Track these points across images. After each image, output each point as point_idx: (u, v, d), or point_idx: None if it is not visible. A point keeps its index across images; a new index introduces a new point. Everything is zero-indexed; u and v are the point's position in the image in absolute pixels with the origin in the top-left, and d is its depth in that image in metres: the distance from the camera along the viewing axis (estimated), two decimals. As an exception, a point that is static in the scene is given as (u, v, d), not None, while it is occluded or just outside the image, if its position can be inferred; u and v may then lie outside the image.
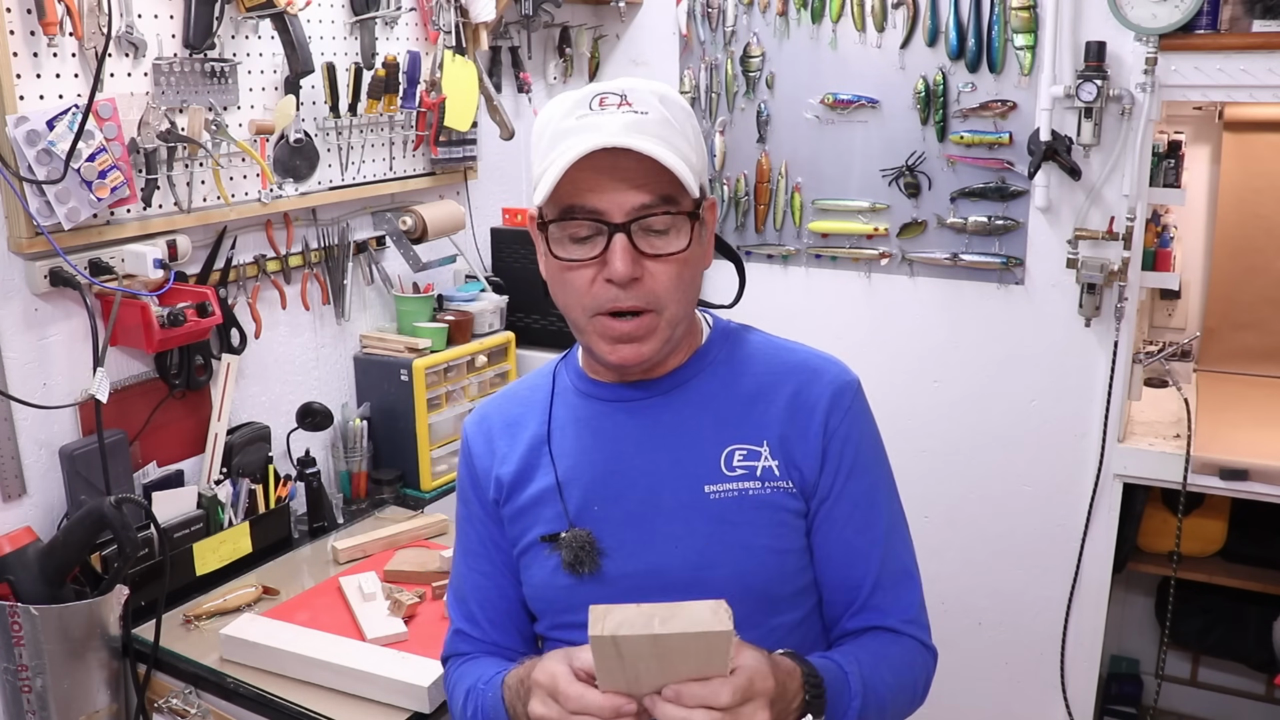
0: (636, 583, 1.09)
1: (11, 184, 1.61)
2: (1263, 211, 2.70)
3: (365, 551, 1.98)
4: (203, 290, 1.87)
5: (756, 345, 1.18)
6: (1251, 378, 2.74)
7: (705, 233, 1.11)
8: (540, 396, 1.21)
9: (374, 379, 2.32)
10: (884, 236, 2.57)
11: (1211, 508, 2.63)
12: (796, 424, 1.11)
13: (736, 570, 1.08)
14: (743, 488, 1.09)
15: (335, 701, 1.53)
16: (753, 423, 1.11)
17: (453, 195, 2.56)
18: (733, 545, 1.08)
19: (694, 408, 1.13)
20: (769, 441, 1.10)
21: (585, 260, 1.04)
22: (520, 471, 1.17)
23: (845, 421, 1.12)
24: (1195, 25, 2.10)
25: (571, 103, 1.06)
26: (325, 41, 2.13)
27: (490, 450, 1.20)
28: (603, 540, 1.11)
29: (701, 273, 1.12)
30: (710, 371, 1.15)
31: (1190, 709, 3.02)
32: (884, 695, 1.06)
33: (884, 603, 1.12)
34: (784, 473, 1.10)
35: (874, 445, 1.16)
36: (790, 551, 1.11)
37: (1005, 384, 2.53)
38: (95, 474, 1.76)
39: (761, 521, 1.09)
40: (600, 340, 1.08)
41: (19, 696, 1.55)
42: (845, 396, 1.13)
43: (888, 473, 1.17)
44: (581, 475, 1.13)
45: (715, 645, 0.86)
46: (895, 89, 2.49)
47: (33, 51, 1.64)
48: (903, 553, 1.15)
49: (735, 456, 1.10)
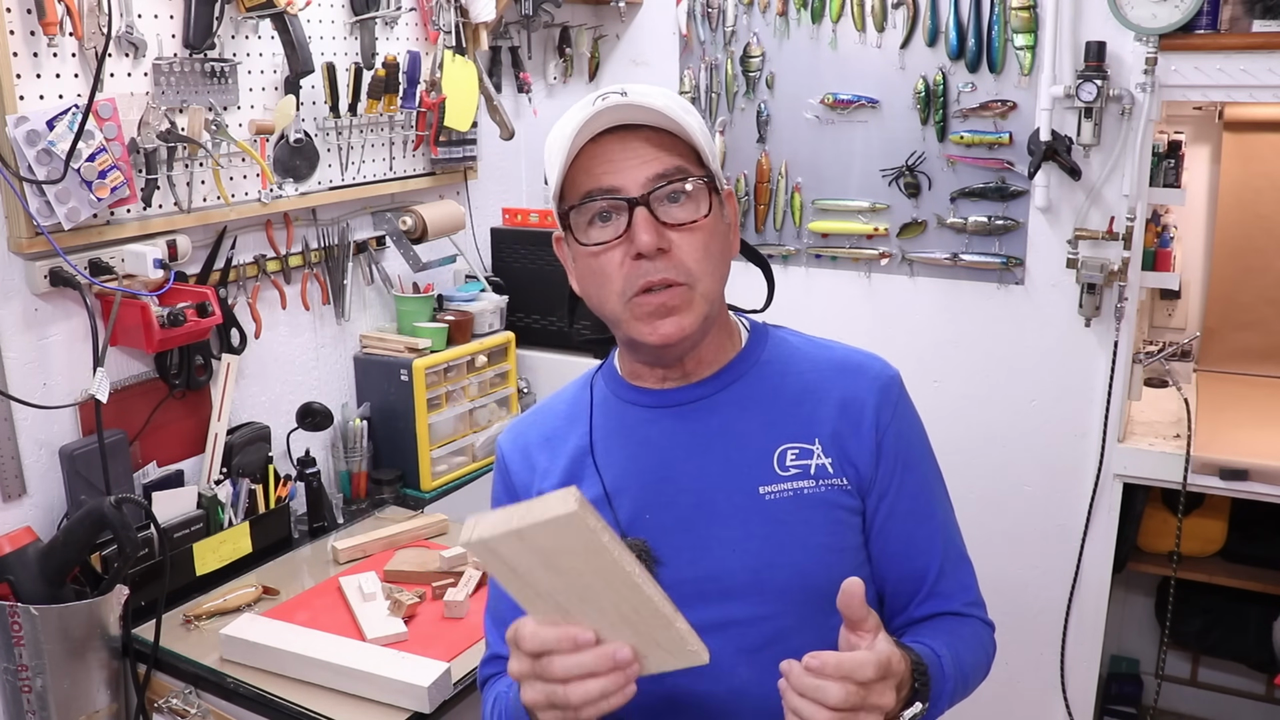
0: (695, 589, 1.07)
1: (11, 184, 1.61)
2: (1263, 211, 2.70)
3: (365, 551, 1.98)
4: (203, 290, 1.87)
5: (797, 344, 1.19)
6: (1251, 378, 2.74)
7: (728, 213, 1.12)
8: (577, 409, 1.20)
9: (374, 379, 2.32)
10: (884, 236, 2.57)
11: (1211, 508, 2.63)
12: (848, 421, 1.11)
13: (796, 570, 1.07)
14: (797, 487, 1.09)
15: (335, 701, 1.53)
16: (803, 421, 1.11)
17: (453, 195, 2.56)
18: (790, 545, 1.07)
19: (741, 409, 1.12)
20: (820, 439, 1.10)
21: (611, 241, 1.04)
22: (564, 484, 1.12)
23: (896, 416, 1.12)
24: (1195, 25, 2.10)
25: (575, 108, 1.07)
26: (325, 41, 2.13)
27: (529, 466, 1.18)
28: (657, 549, 1.09)
29: (729, 254, 1.12)
30: (755, 372, 1.14)
31: (1190, 709, 3.02)
32: (968, 674, 1.10)
33: (949, 588, 1.14)
34: (838, 470, 1.09)
35: (921, 436, 1.17)
36: (847, 549, 1.10)
37: (1005, 384, 2.53)
38: (95, 474, 1.76)
39: (818, 520, 1.08)
40: (639, 323, 1.07)
41: (19, 696, 1.55)
42: (892, 391, 1.14)
43: (934, 461, 1.19)
44: (630, 484, 1.12)
45: (579, 534, 0.82)
46: (895, 89, 2.49)
47: (33, 51, 1.64)
48: (957, 537, 1.18)
49: (788, 456, 1.09)
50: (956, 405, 2.58)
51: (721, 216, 1.09)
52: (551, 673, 0.89)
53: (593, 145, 1.04)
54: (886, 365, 1.17)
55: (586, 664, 0.88)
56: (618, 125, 1.05)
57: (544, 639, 0.89)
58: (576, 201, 1.05)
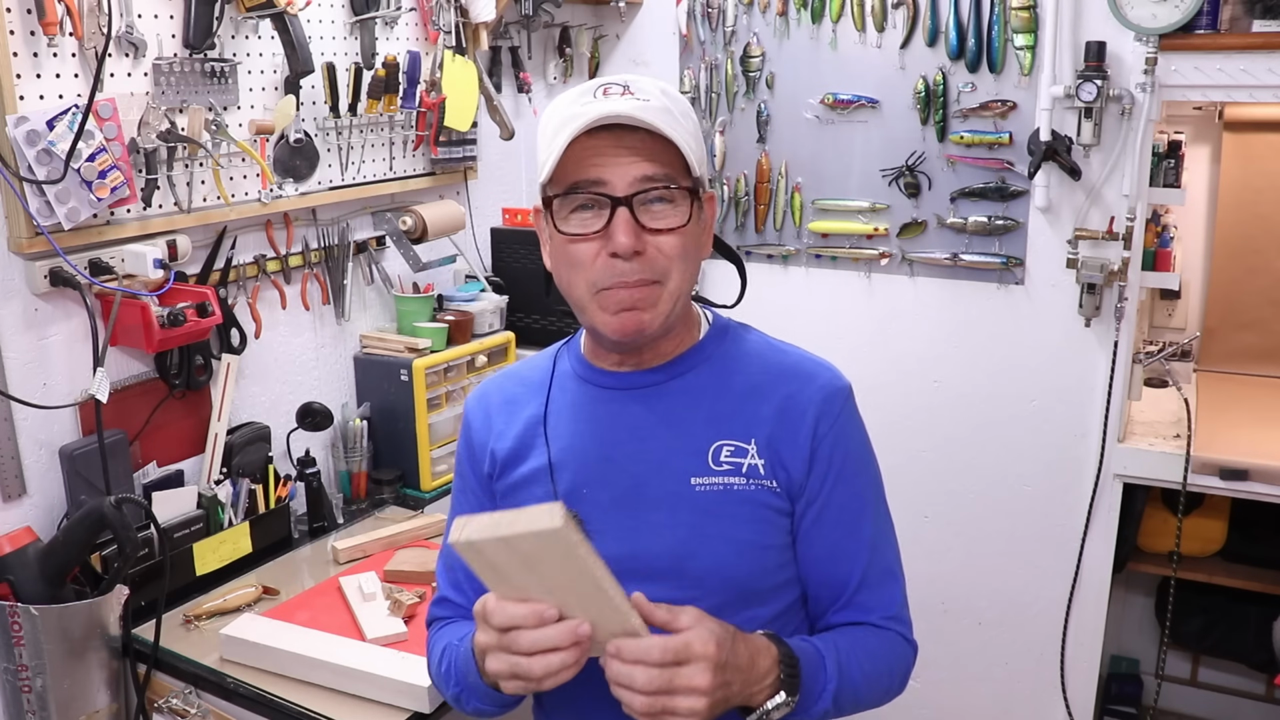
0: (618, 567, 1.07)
1: (11, 184, 1.61)
2: (1263, 211, 2.70)
3: (365, 551, 1.98)
4: (203, 290, 1.87)
5: (753, 344, 1.21)
6: (1251, 378, 2.74)
7: (705, 219, 1.14)
8: (540, 378, 1.24)
9: (374, 379, 2.32)
10: (884, 236, 2.57)
11: (1211, 508, 2.63)
12: (786, 426, 1.13)
13: (717, 562, 1.11)
14: (728, 482, 1.12)
15: (335, 701, 1.53)
16: (743, 420, 1.14)
17: (453, 195, 2.56)
18: (714, 537, 1.11)
19: (687, 400, 1.15)
20: (757, 440, 1.13)
21: (589, 234, 1.07)
22: (515, 449, 1.20)
23: (835, 428, 1.14)
24: (1195, 25, 2.10)
25: (576, 92, 1.10)
26: (325, 41, 2.13)
27: (488, 425, 1.23)
28: (589, 523, 1.13)
29: (700, 257, 1.14)
30: (706, 366, 1.17)
31: (1190, 709, 3.02)
32: (859, 681, 1.10)
33: (868, 601, 1.16)
34: (769, 472, 1.12)
35: (862, 450, 1.18)
36: (771, 547, 1.14)
37: (1005, 384, 2.53)
38: (95, 474, 1.76)
39: (744, 516, 1.12)
40: (603, 314, 1.09)
41: (19, 696, 1.55)
42: (835, 403, 1.15)
43: (875, 477, 1.20)
44: (573, 458, 1.16)
45: (560, 546, 0.89)
46: (895, 89, 2.49)
47: (33, 51, 1.64)
48: (887, 553, 1.19)
49: (723, 452, 1.13)
50: (956, 405, 2.58)
51: (699, 220, 1.12)
52: (518, 646, 0.96)
53: (586, 135, 1.05)
54: (837, 376, 1.18)
55: (550, 638, 0.95)
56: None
57: (511, 614, 0.96)
58: (562, 190, 1.07)
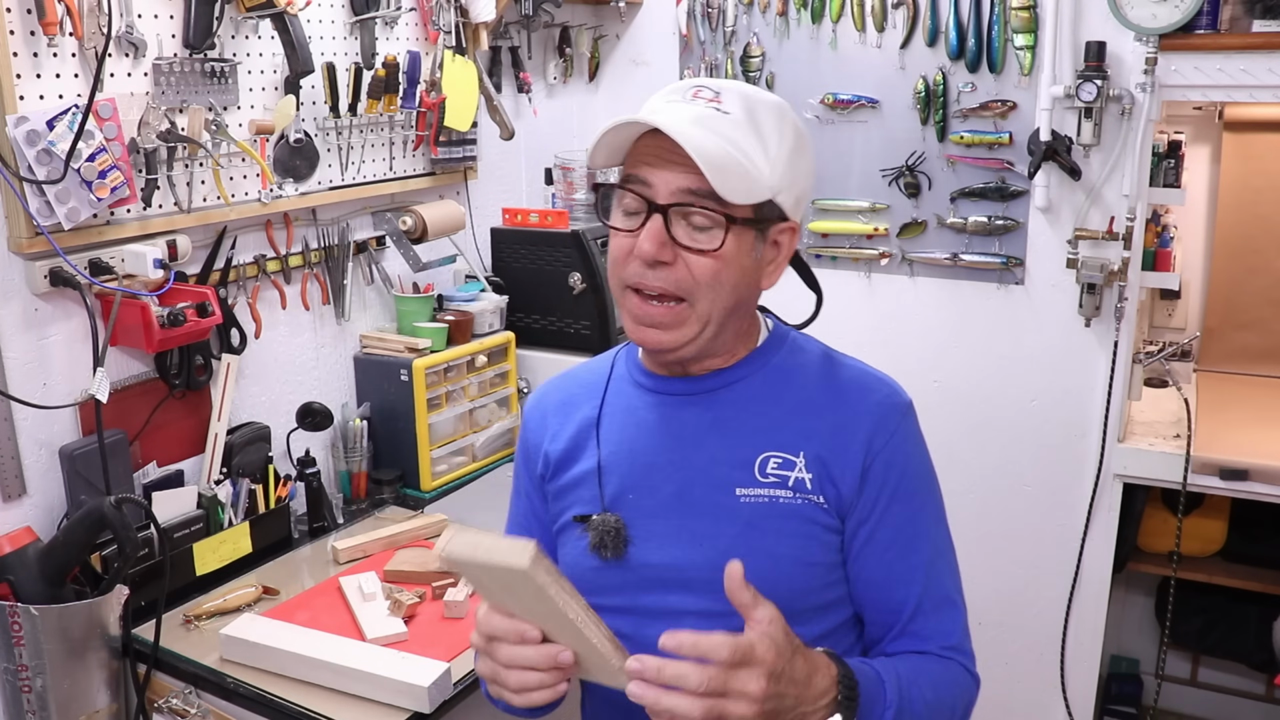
0: (658, 574, 1.11)
1: (11, 184, 1.61)
2: (1263, 211, 2.70)
3: (365, 551, 1.98)
4: (203, 290, 1.86)
5: (810, 355, 1.18)
6: (1251, 378, 2.74)
7: (765, 250, 1.10)
8: (597, 380, 1.24)
9: (374, 379, 2.32)
10: (884, 236, 2.57)
11: (1211, 508, 2.63)
12: (838, 441, 1.09)
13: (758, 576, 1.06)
14: (774, 495, 1.09)
15: (335, 701, 1.53)
16: (792, 432, 1.11)
17: (453, 195, 2.56)
18: (757, 550, 1.08)
19: (738, 409, 1.13)
20: (805, 453, 1.09)
21: (626, 230, 1.07)
22: (567, 451, 1.20)
23: (890, 445, 1.10)
24: (1195, 25, 2.11)
25: (673, 88, 1.10)
26: (325, 41, 2.13)
27: (543, 426, 1.24)
28: (632, 528, 1.12)
29: (750, 288, 1.11)
30: (760, 375, 1.15)
31: (1190, 709, 3.02)
32: (919, 710, 1.05)
33: (925, 628, 1.10)
34: (816, 486, 1.09)
35: (921, 470, 1.14)
36: (815, 564, 1.10)
37: (1005, 384, 2.53)
38: (95, 474, 1.76)
39: (788, 530, 1.09)
40: (627, 315, 1.10)
41: (19, 696, 1.55)
42: (891, 419, 1.11)
43: (935, 498, 1.15)
44: (621, 463, 1.15)
45: (529, 585, 0.91)
46: (895, 89, 2.49)
47: (33, 51, 1.64)
48: (945, 580, 1.13)
49: (770, 463, 1.10)
50: (956, 405, 2.58)
51: (751, 253, 1.08)
52: (497, 656, 0.99)
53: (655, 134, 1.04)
54: (895, 392, 1.15)
55: (528, 658, 0.98)
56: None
57: (494, 626, 1.00)
58: (617, 182, 1.08)
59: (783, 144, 1.07)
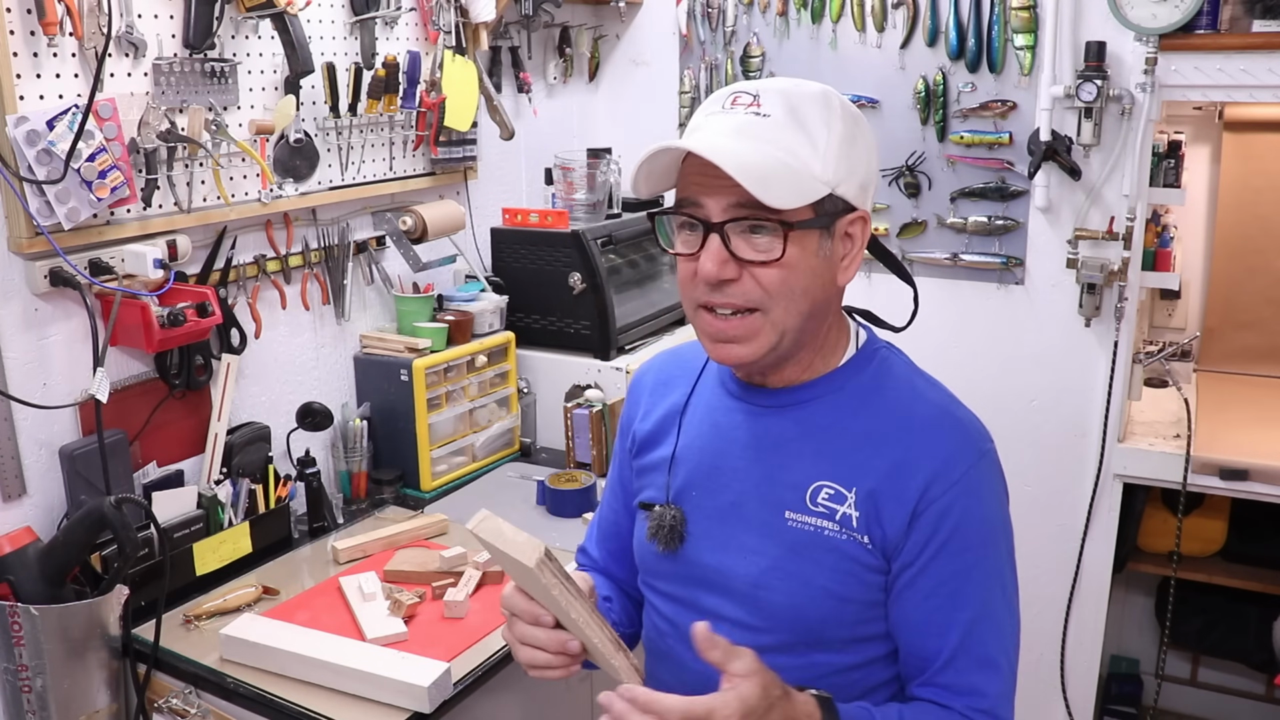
0: (705, 575, 1.13)
1: (11, 184, 1.61)
2: (1263, 211, 2.70)
3: (365, 551, 1.98)
4: (203, 290, 1.86)
5: (895, 383, 1.13)
6: (1251, 378, 2.74)
7: (836, 245, 1.06)
8: (694, 366, 1.24)
9: (374, 379, 2.32)
10: (884, 236, 2.57)
11: (1211, 508, 2.63)
12: (894, 482, 1.05)
13: (790, 601, 1.08)
14: (820, 525, 1.07)
15: (335, 701, 1.53)
16: (850, 465, 1.08)
17: (453, 195, 2.56)
18: (793, 576, 1.08)
19: (802, 431, 1.11)
20: (858, 490, 1.06)
21: (689, 254, 1.06)
22: (652, 434, 1.24)
23: (949, 494, 1.05)
24: (1195, 25, 2.11)
25: (713, 98, 1.09)
26: (325, 41, 2.13)
27: (638, 404, 1.28)
28: (691, 524, 1.15)
29: (824, 288, 1.07)
30: (833, 398, 1.11)
31: (1190, 709, 3.02)
32: None
33: (955, 683, 1.06)
34: (863, 526, 1.06)
35: (983, 524, 1.07)
36: (851, 601, 1.07)
37: (1005, 384, 2.53)
38: (95, 474, 1.76)
39: (829, 564, 1.07)
40: (703, 334, 1.10)
41: (19, 696, 1.55)
42: (957, 468, 1.05)
43: (996, 557, 1.08)
44: (693, 457, 1.17)
45: (536, 581, 1.00)
46: (895, 89, 2.49)
47: (33, 51, 1.64)
48: (990, 641, 1.07)
49: (821, 494, 1.08)
50: (956, 405, 2.58)
51: (816, 253, 1.04)
52: (513, 630, 1.09)
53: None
54: (971, 438, 1.09)
55: (538, 638, 1.06)
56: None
57: (512, 604, 1.08)
58: (671, 207, 1.08)
59: (832, 134, 1.03)
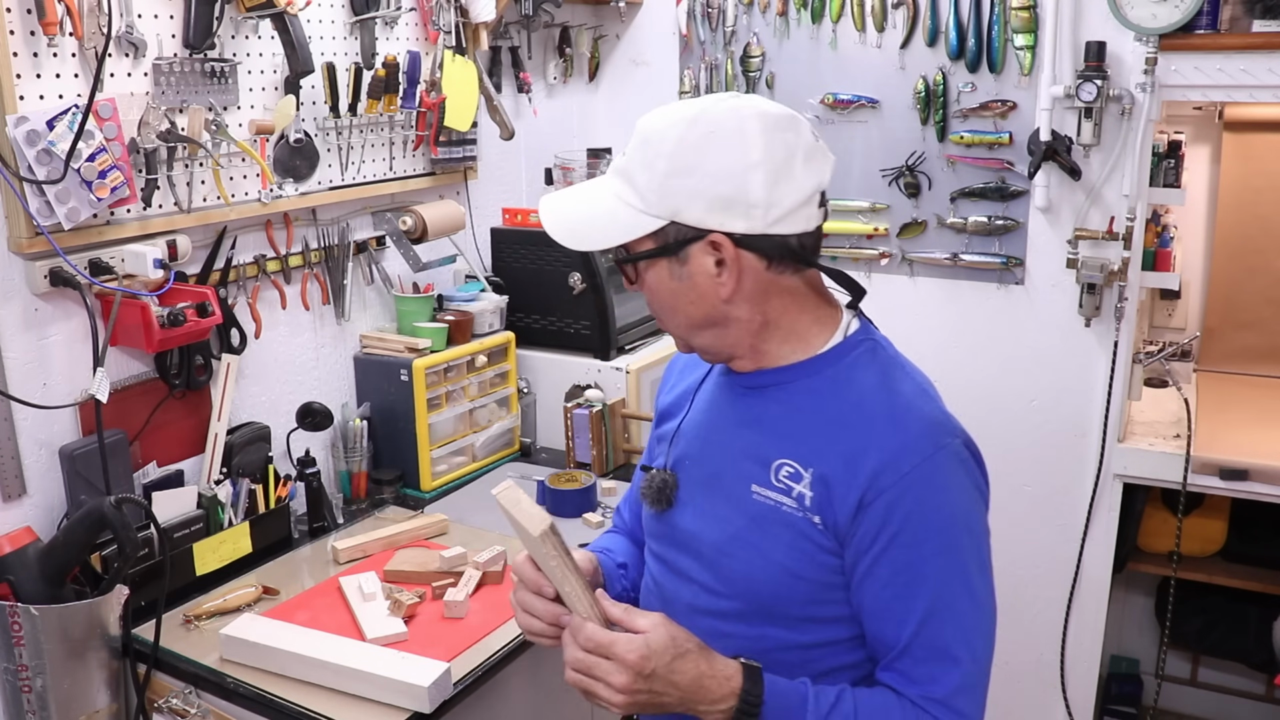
0: (684, 538, 1.22)
1: (11, 184, 1.61)
2: (1263, 211, 2.70)
3: (365, 551, 1.98)
4: (203, 290, 1.86)
5: (869, 374, 1.16)
6: (1251, 378, 2.74)
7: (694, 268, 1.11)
8: None
9: (374, 379, 2.32)
10: (884, 236, 2.57)
11: (1211, 508, 2.63)
12: (846, 469, 1.08)
13: (746, 571, 1.14)
14: (778, 500, 1.12)
15: (335, 701, 1.53)
16: (810, 447, 1.12)
17: (453, 195, 2.56)
18: (753, 547, 1.14)
19: (776, 411, 1.16)
20: (814, 472, 1.10)
21: None
22: (669, 407, 1.33)
23: (899, 485, 1.07)
24: (1195, 25, 2.11)
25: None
26: (325, 41, 2.13)
27: (667, 379, 1.38)
28: (681, 491, 1.23)
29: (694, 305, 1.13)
30: (808, 383, 1.15)
31: (1190, 709, 3.02)
32: None
33: (911, 671, 1.09)
34: (815, 506, 1.10)
35: (939, 517, 1.08)
36: (805, 579, 1.11)
37: (1005, 384, 2.53)
38: (95, 474, 1.76)
39: (784, 540, 1.12)
40: None
41: (19, 696, 1.55)
42: (908, 460, 1.07)
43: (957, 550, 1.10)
44: (690, 431, 1.25)
45: (538, 551, 1.12)
46: (895, 89, 2.49)
47: (33, 51, 1.64)
48: (947, 632, 1.09)
49: (782, 471, 1.13)
50: (956, 405, 2.56)
51: (671, 277, 1.12)
52: (516, 595, 1.20)
53: None
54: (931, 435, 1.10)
55: (536, 607, 1.16)
56: None
57: (521, 572, 1.18)
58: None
59: (654, 170, 1.09)
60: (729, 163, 1.08)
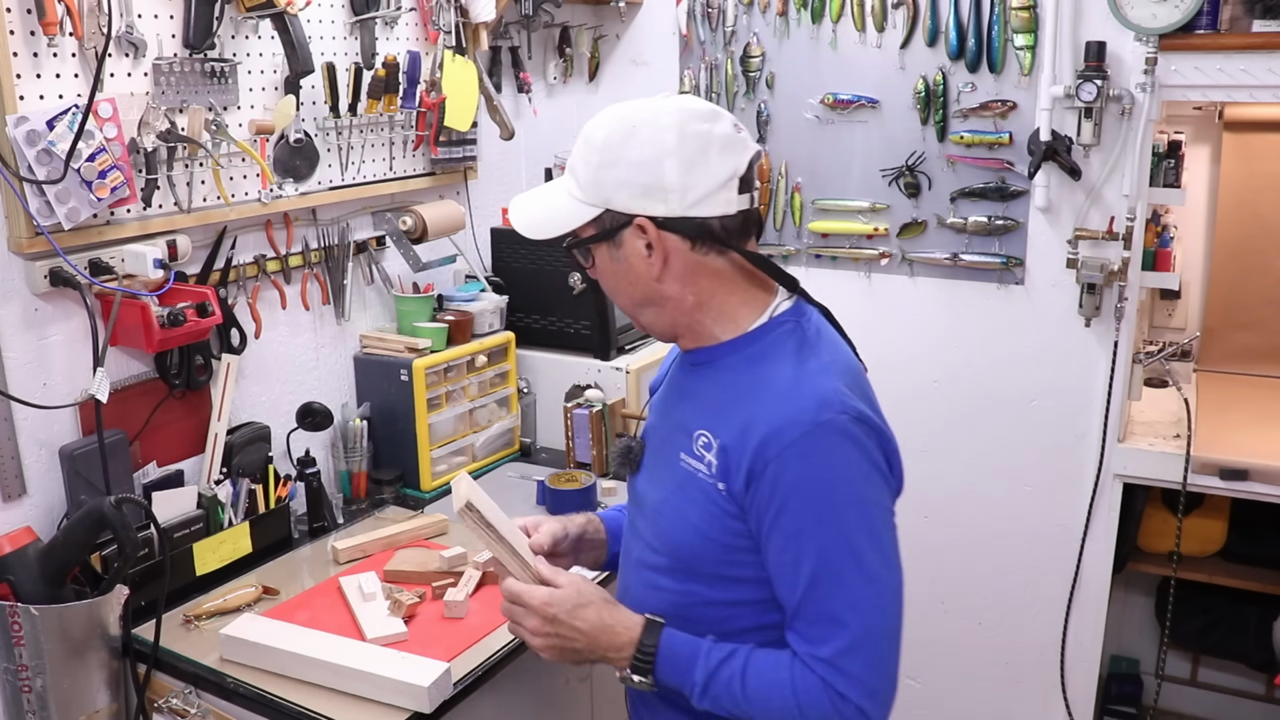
0: (639, 500, 1.36)
1: (11, 184, 1.61)
2: (1263, 211, 2.70)
3: (365, 551, 1.98)
4: (203, 290, 1.87)
5: (782, 351, 1.24)
6: (1251, 378, 2.74)
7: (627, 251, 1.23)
8: None
9: (374, 379, 2.32)
10: (884, 236, 2.57)
11: (1211, 508, 2.63)
12: (741, 440, 1.18)
13: (671, 530, 1.27)
14: (695, 467, 1.24)
15: (335, 701, 1.53)
16: (722, 418, 1.22)
17: (453, 195, 2.56)
18: (677, 509, 1.26)
19: (704, 387, 1.28)
20: (720, 441, 1.21)
21: None
22: (654, 384, 1.46)
23: (780, 458, 1.14)
24: (1195, 25, 2.11)
25: None
26: (325, 41, 2.13)
27: (665, 362, 1.47)
28: (645, 457, 1.37)
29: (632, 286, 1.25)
30: (730, 360, 1.26)
31: (1190, 709, 3.02)
32: (740, 700, 1.18)
33: (805, 631, 1.17)
34: (719, 473, 1.20)
35: (821, 488, 1.14)
36: (715, 540, 1.22)
37: (1005, 384, 2.53)
38: (95, 474, 1.76)
39: (699, 502, 1.23)
40: None
41: (19, 696, 1.55)
42: (788, 434, 1.14)
43: (841, 520, 1.15)
44: (656, 405, 1.41)
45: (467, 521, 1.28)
46: (895, 89, 2.49)
47: (33, 51, 1.64)
48: (834, 599, 1.15)
49: (699, 440, 1.24)
50: (956, 405, 2.58)
51: (611, 260, 1.25)
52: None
53: None
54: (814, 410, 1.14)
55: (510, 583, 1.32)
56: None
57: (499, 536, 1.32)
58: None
59: (589, 164, 1.22)
60: (647, 153, 1.19)
